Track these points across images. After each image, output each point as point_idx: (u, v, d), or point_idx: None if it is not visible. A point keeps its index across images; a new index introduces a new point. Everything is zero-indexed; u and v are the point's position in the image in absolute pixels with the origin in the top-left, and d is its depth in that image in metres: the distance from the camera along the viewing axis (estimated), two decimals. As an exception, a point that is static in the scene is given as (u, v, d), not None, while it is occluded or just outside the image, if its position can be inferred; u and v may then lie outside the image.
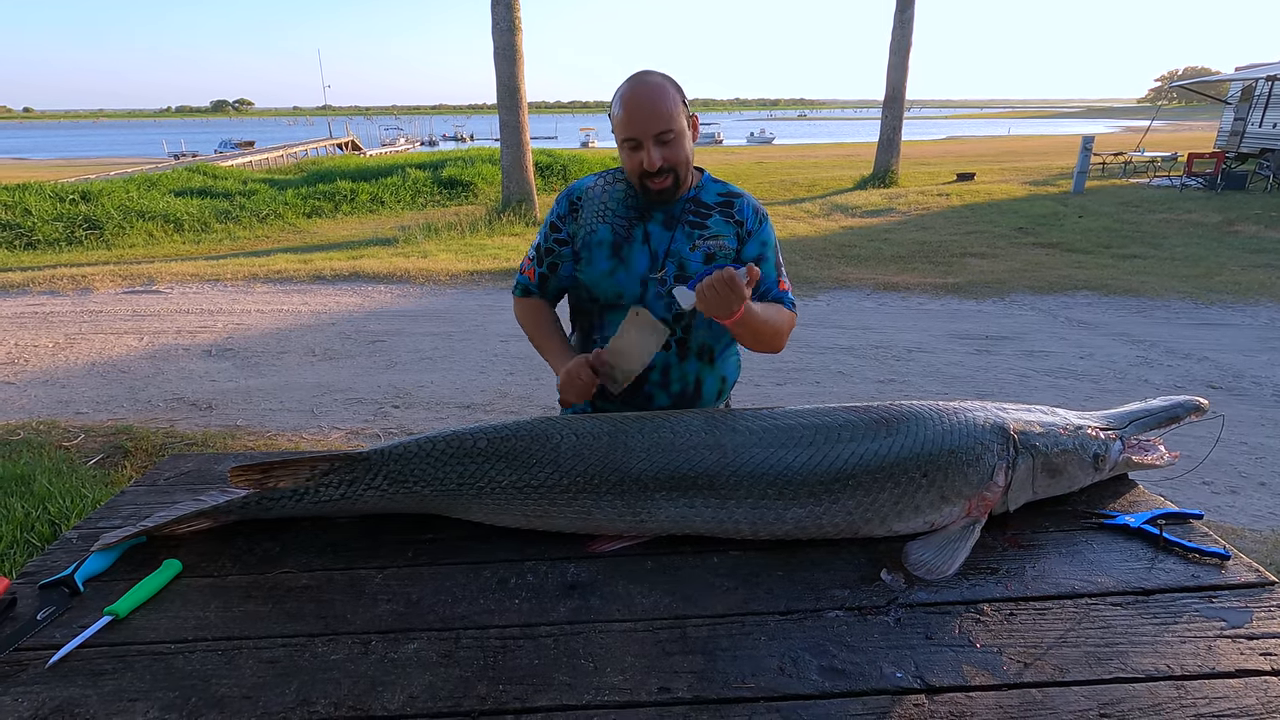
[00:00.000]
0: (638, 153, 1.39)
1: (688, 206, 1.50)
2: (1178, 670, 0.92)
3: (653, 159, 1.38)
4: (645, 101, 1.36)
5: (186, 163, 20.83)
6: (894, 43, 14.57)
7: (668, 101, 1.37)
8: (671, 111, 1.38)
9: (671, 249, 1.47)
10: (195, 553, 1.24)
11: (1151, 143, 21.90)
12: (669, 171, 1.40)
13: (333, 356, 5.17)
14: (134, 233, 11.13)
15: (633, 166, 1.42)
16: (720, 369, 1.59)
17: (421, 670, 0.96)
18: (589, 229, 1.51)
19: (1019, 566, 1.15)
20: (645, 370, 1.45)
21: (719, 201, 1.53)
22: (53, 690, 0.93)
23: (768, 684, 0.92)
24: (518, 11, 11.04)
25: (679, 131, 1.39)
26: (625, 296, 1.48)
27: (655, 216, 1.50)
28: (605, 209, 1.51)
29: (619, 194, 1.52)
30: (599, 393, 1.46)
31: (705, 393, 1.58)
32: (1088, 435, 1.31)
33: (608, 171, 1.57)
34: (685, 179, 1.46)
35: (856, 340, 5.36)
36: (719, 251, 1.48)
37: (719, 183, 1.57)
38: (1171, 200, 11.77)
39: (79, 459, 3.43)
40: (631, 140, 1.39)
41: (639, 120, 1.36)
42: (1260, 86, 15.94)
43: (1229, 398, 4.16)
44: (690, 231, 1.48)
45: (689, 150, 1.43)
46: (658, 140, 1.37)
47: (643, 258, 1.48)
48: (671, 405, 1.54)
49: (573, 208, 1.54)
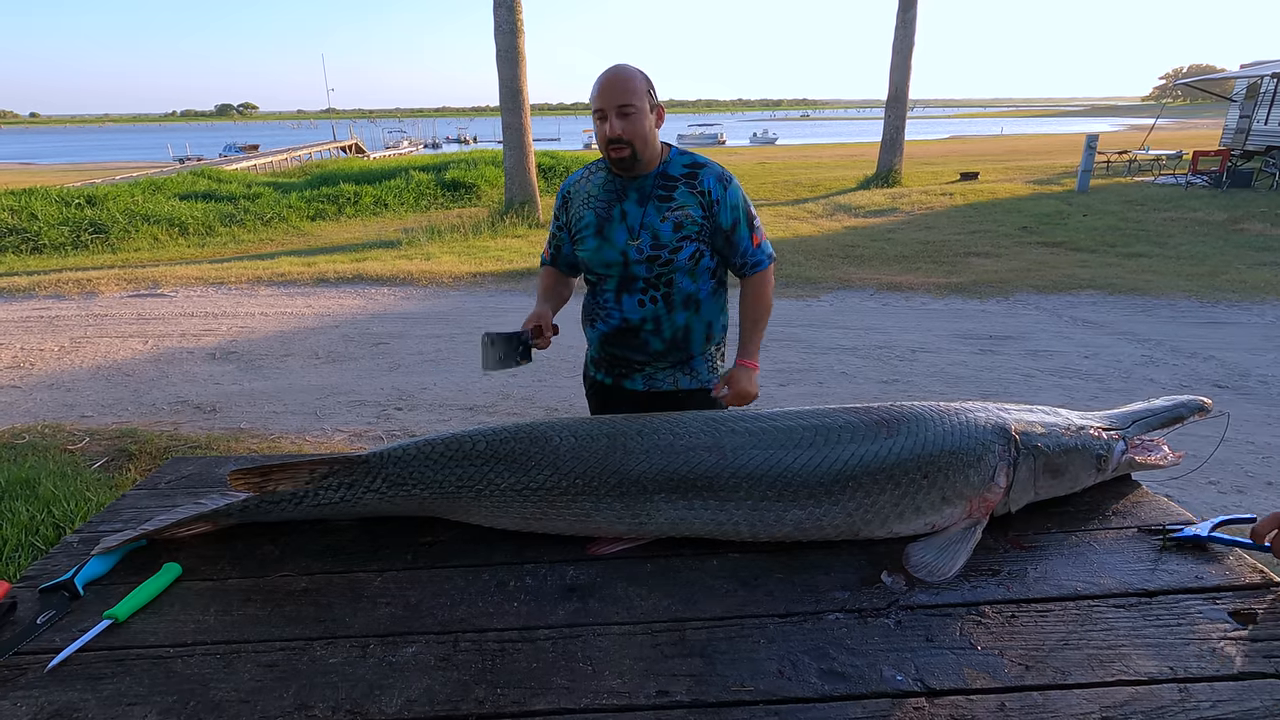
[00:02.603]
0: (604, 123, 1.60)
1: (657, 181, 1.69)
2: (1181, 673, 0.91)
3: (614, 127, 1.59)
4: (614, 79, 1.60)
5: (191, 166, 20.94)
6: (897, 42, 14.54)
7: (633, 82, 1.60)
8: (634, 89, 1.59)
9: (645, 221, 1.68)
10: (195, 556, 1.24)
11: (1156, 141, 21.81)
12: (626, 144, 1.60)
13: (336, 359, 5.17)
14: (139, 236, 11.19)
15: (600, 135, 1.63)
16: (706, 315, 1.78)
17: (420, 674, 0.96)
18: (578, 216, 1.76)
19: (1021, 568, 1.14)
20: (639, 322, 1.73)
21: (684, 174, 1.70)
22: (52, 694, 0.94)
23: (767, 687, 0.92)
24: (519, 14, 11.06)
25: (639, 110, 1.60)
26: (612, 267, 1.72)
27: (630, 195, 1.70)
28: (589, 196, 1.75)
29: (599, 181, 1.75)
30: (610, 343, 1.80)
31: (694, 338, 1.78)
32: (1090, 435, 1.30)
33: (590, 164, 1.81)
34: (643, 153, 1.64)
35: (860, 340, 5.35)
36: (686, 221, 1.67)
37: (686, 154, 1.74)
38: (1177, 199, 11.72)
39: (84, 462, 3.44)
40: (599, 111, 1.60)
41: (605, 93, 1.59)
42: (1266, 84, 15.86)
43: (1235, 397, 4.13)
44: (660, 205, 1.68)
45: (647, 129, 1.63)
46: (619, 113, 1.58)
47: (620, 232, 1.70)
48: (665, 349, 1.76)
49: (565, 201, 1.82)
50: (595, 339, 1.86)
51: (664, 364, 1.79)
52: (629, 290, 1.73)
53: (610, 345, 1.82)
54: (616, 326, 1.77)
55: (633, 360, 1.80)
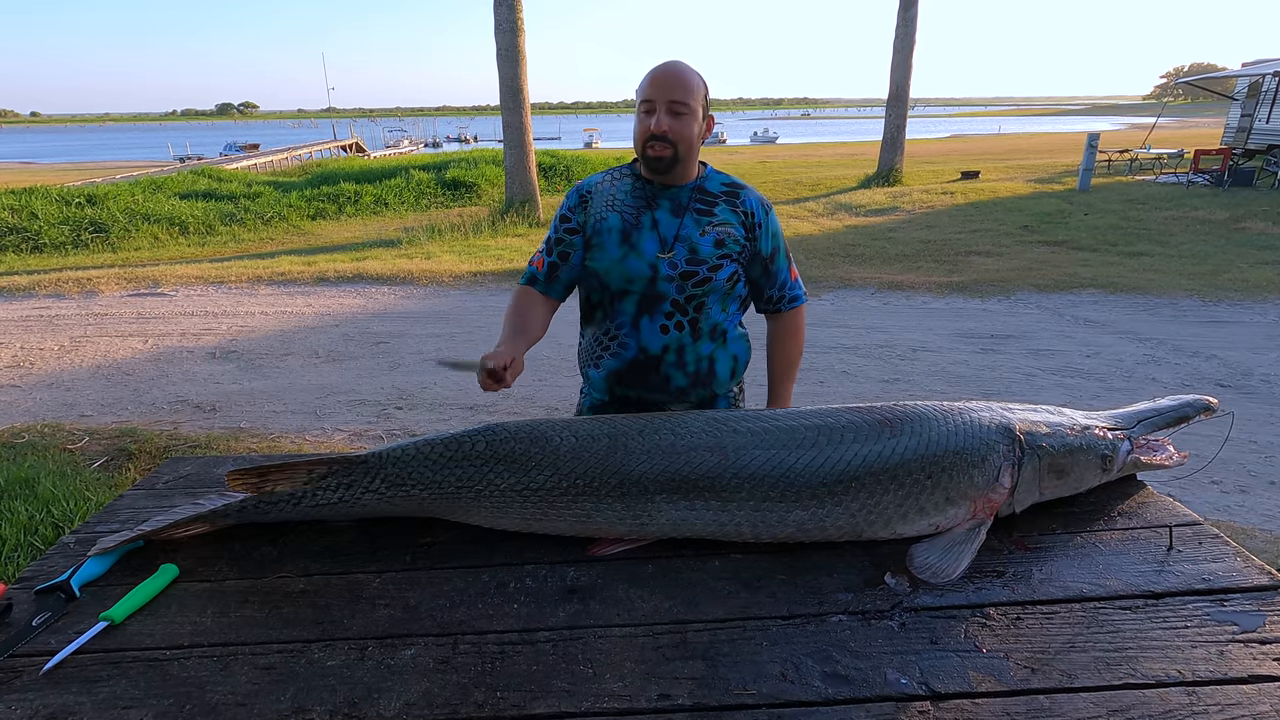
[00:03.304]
0: (650, 116, 1.46)
1: (693, 195, 1.55)
2: (1189, 676, 0.90)
3: (661, 122, 1.44)
4: (670, 72, 1.46)
5: (192, 166, 20.92)
6: (898, 41, 14.52)
7: (691, 81, 1.47)
8: (691, 88, 1.46)
9: (681, 233, 1.52)
10: (192, 557, 1.23)
11: (1157, 140, 21.77)
12: (670, 143, 1.46)
13: (336, 358, 5.17)
14: (139, 236, 11.18)
15: (641, 130, 1.48)
16: (732, 348, 1.63)
17: (418, 676, 0.95)
18: (599, 217, 1.56)
19: (1026, 569, 1.13)
20: (660, 352, 1.55)
21: (724, 191, 1.58)
22: (46, 697, 0.93)
23: (769, 690, 0.91)
24: (520, 13, 11.05)
25: (692, 110, 1.46)
26: (635, 282, 1.52)
27: (662, 204, 1.54)
28: (614, 199, 1.57)
29: (626, 186, 1.58)
30: (623, 381, 1.59)
31: (719, 372, 1.61)
32: (1095, 435, 1.29)
33: (614, 168, 1.63)
34: (686, 159, 1.50)
35: (861, 340, 5.33)
36: (727, 238, 1.53)
37: (722, 174, 1.62)
38: (1178, 197, 11.69)
39: (83, 462, 3.43)
40: (648, 102, 1.46)
41: (658, 85, 1.45)
42: (1267, 82, 15.82)
43: (1238, 396, 4.12)
44: (699, 218, 1.53)
45: (695, 134, 1.49)
46: (670, 109, 1.44)
47: (651, 242, 1.52)
48: (689, 385, 1.59)
49: (583, 200, 1.60)
50: (602, 379, 1.62)
51: (685, 404, 1.60)
52: (650, 313, 1.53)
53: (623, 384, 1.59)
54: (632, 359, 1.56)
55: (649, 401, 1.59)
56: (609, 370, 1.59)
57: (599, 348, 1.61)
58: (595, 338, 1.63)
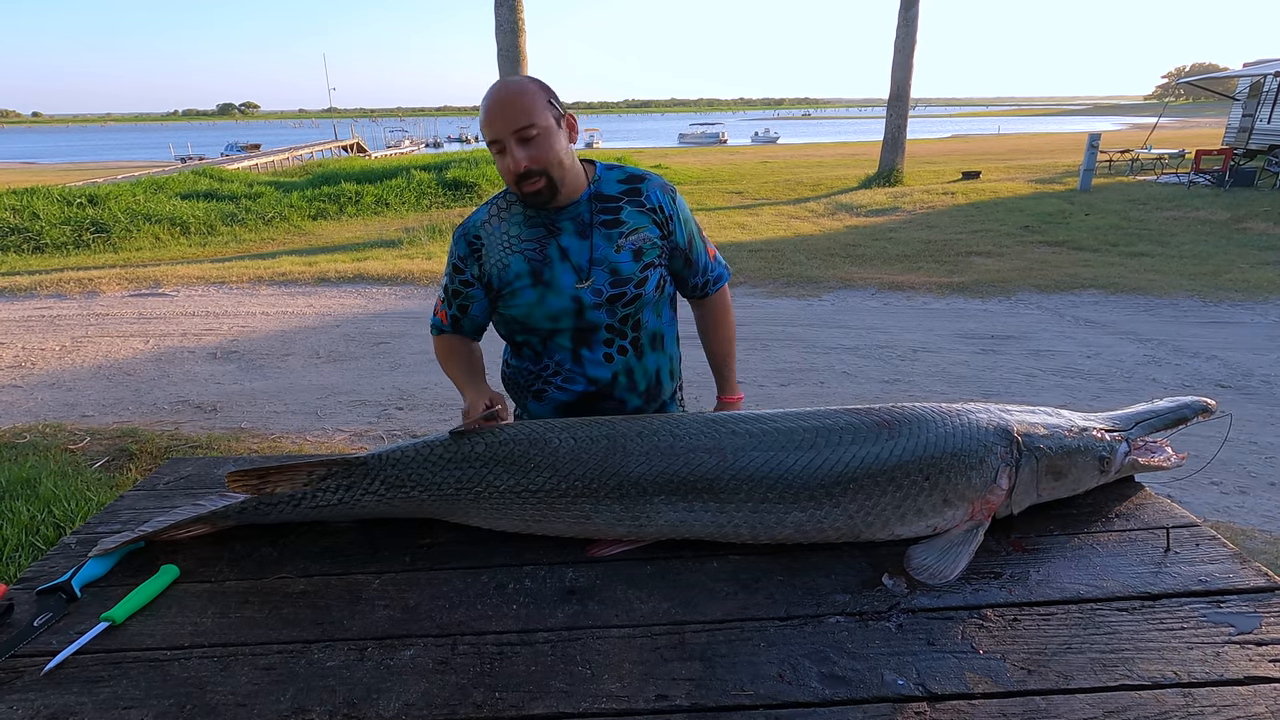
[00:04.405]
0: (504, 156, 1.31)
1: (593, 205, 1.41)
2: (1185, 677, 0.91)
3: (518, 160, 1.29)
4: (502, 99, 1.29)
5: (193, 166, 20.96)
6: (899, 41, 14.53)
7: (526, 97, 1.29)
8: (530, 107, 1.29)
9: (596, 256, 1.39)
10: (193, 558, 1.23)
11: (1159, 140, 21.76)
12: (539, 174, 1.31)
13: (337, 358, 5.17)
14: (140, 236, 11.20)
15: (503, 170, 1.33)
16: (669, 349, 1.56)
17: (418, 677, 0.95)
18: (500, 265, 1.41)
19: (1023, 571, 1.13)
20: (610, 380, 1.46)
21: (624, 191, 1.44)
22: (48, 698, 0.93)
23: (767, 691, 0.91)
24: (521, 13, 11.06)
25: (544, 129, 1.30)
26: (561, 318, 1.40)
27: (564, 227, 1.40)
28: (509, 239, 1.41)
29: (518, 218, 1.42)
30: (573, 412, 1.48)
31: (664, 381, 1.56)
32: (1093, 437, 1.30)
33: (497, 196, 1.48)
34: (562, 180, 1.35)
35: (861, 340, 5.33)
36: (645, 245, 1.42)
37: (616, 168, 1.48)
38: (1179, 197, 11.68)
39: (84, 462, 3.44)
40: (496, 143, 1.31)
41: (496, 120, 1.29)
42: (1269, 82, 15.81)
43: (1238, 397, 4.12)
44: (608, 232, 1.40)
45: (560, 149, 1.33)
46: (519, 139, 1.29)
47: (566, 275, 1.39)
48: (643, 405, 1.53)
49: (471, 248, 1.44)
50: (548, 413, 1.51)
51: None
52: (589, 344, 1.43)
53: (573, 416, 1.48)
54: (582, 392, 1.46)
55: None
56: (557, 403, 1.49)
57: (539, 381, 1.50)
58: (531, 371, 1.51)
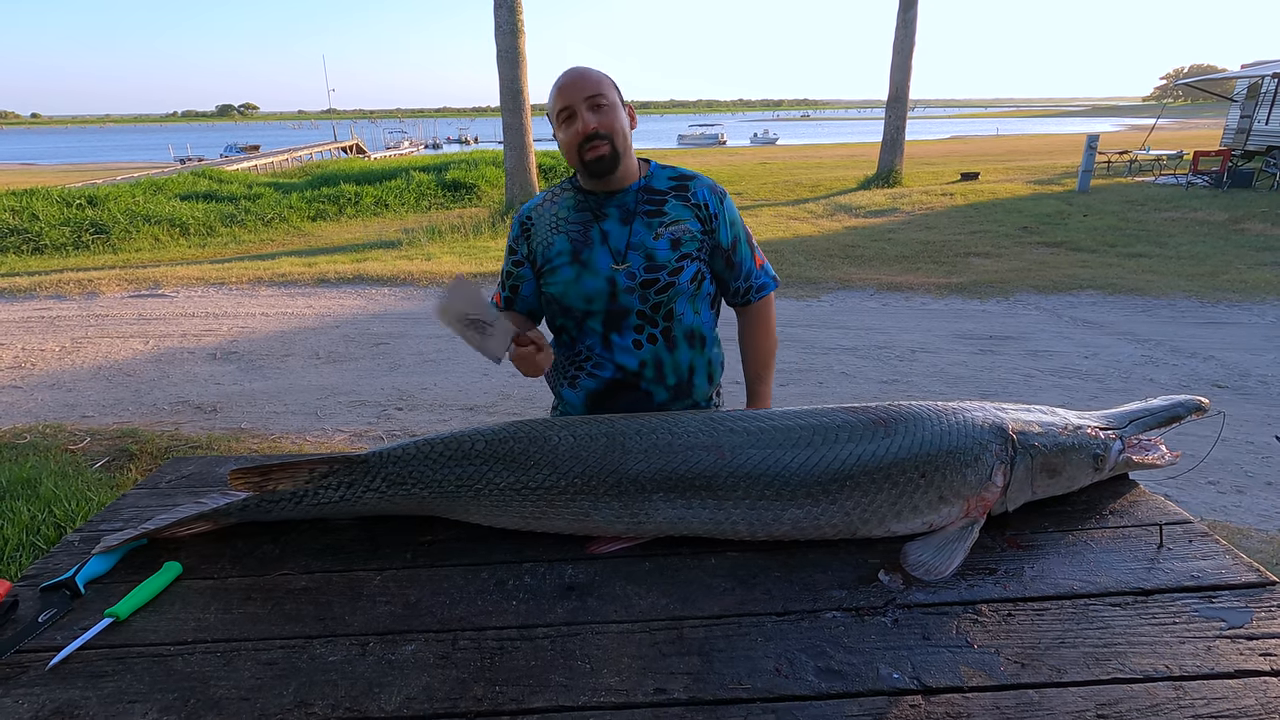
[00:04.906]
0: (573, 122, 1.40)
1: (640, 196, 1.48)
2: (1176, 671, 0.92)
3: (587, 121, 1.39)
4: (575, 75, 1.42)
5: (192, 167, 20.97)
6: (897, 42, 14.55)
7: (596, 74, 1.43)
8: (601, 81, 1.42)
9: (633, 241, 1.45)
10: (195, 555, 1.24)
11: (1157, 141, 21.79)
12: (604, 138, 1.40)
13: (336, 359, 5.18)
14: (140, 237, 11.21)
15: (570, 140, 1.42)
16: (708, 352, 1.58)
17: (419, 672, 0.97)
18: (545, 243, 1.51)
19: (1017, 567, 1.14)
20: (638, 369, 1.50)
21: (672, 186, 1.51)
22: (53, 692, 0.94)
23: (764, 685, 0.92)
24: (520, 15, 11.08)
25: (611, 103, 1.42)
26: (595, 300, 1.46)
27: (609, 213, 1.47)
28: (557, 220, 1.51)
29: (569, 202, 1.52)
30: (602, 401, 1.53)
31: (697, 382, 1.56)
32: (1087, 435, 1.31)
33: (554, 186, 1.59)
34: (624, 153, 1.44)
35: (860, 341, 5.35)
36: (684, 236, 1.47)
37: (669, 168, 1.55)
38: (1177, 199, 11.71)
39: (85, 462, 3.45)
40: (565, 110, 1.40)
41: (569, 89, 1.40)
42: (1266, 84, 15.84)
43: (1235, 397, 4.13)
44: (649, 220, 1.47)
45: (624, 124, 1.44)
46: (590, 105, 1.39)
47: (604, 257, 1.46)
48: (669, 400, 1.53)
49: (524, 229, 1.55)
50: (580, 401, 1.55)
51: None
52: (619, 329, 1.47)
53: (602, 407, 1.52)
54: (610, 379, 1.49)
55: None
56: (587, 391, 1.54)
57: (572, 367, 1.55)
58: (567, 357, 1.57)
